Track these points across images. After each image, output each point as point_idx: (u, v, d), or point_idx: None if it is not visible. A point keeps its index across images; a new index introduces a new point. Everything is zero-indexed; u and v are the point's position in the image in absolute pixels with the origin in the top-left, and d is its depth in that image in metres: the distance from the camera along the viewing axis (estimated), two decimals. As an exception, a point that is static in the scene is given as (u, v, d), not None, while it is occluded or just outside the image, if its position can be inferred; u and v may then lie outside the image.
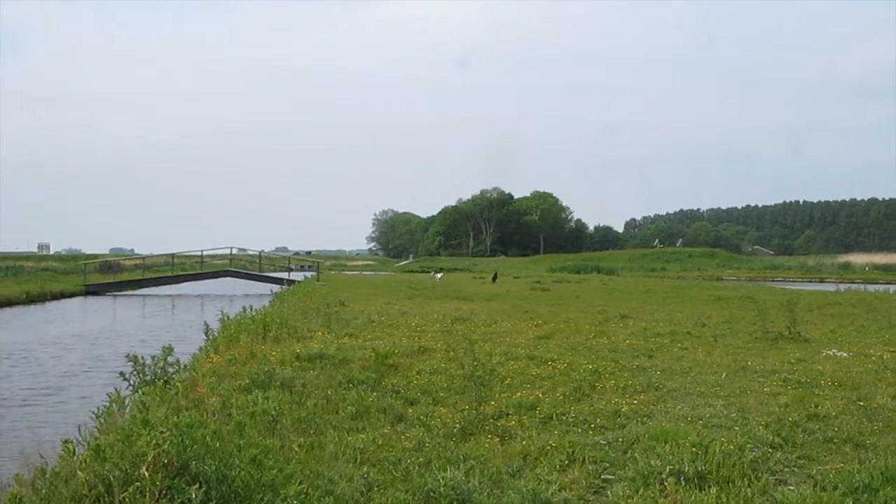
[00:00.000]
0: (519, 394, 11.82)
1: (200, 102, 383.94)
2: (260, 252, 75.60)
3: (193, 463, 6.44)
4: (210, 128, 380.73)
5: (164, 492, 6.05)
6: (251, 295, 44.10)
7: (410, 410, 11.01)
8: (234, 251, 72.32)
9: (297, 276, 65.09)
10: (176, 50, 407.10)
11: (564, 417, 10.44)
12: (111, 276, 64.69)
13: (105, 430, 9.25)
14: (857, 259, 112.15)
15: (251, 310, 24.29)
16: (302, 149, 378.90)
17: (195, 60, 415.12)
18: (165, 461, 6.29)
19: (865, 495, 7.13)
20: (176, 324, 34.74)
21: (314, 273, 69.45)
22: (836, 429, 9.87)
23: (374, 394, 11.83)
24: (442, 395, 12.02)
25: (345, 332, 19.92)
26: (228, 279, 62.98)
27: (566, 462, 8.37)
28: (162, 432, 6.43)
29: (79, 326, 33.87)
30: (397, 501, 6.69)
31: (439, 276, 58.64)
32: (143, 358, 13.00)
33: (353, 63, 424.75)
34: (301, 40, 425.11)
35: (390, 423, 10.25)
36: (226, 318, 22.14)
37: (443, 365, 14.49)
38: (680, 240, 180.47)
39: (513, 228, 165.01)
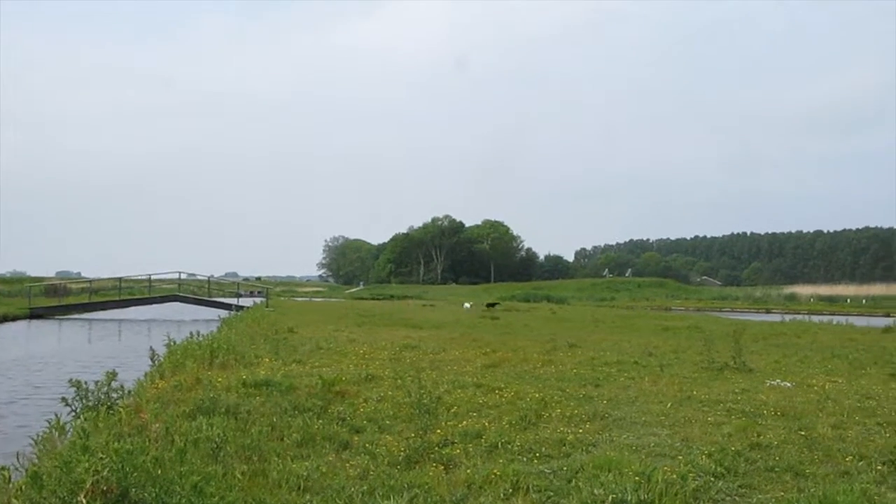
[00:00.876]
0: (465, 422, 11.81)
1: (151, 124, 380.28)
2: (209, 277, 75.25)
3: (133, 490, 6.38)
4: (161, 150, 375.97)
5: (102, 519, 5.98)
6: (199, 320, 43.83)
7: (356, 438, 10.95)
8: (183, 276, 71.88)
9: (246, 301, 64.83)
10: (126, 70, 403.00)
11: (510, 446, 10.44)
12: (56, 300, 63.81)
13: (44, 456, 9.12)
14: (803, 290, 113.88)
15: (198, 335, 24.08)
16: (254, 173, 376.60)
17: (144, 81, 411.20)
18: (104, 488, 6.23)
19: (804, 524, 7.23)
20: (122, 349, 34.24)
21: (263, 299, 69.10)
22: (777, 458, 9.99)
23: (320, 421, 11.77)
24: (388, 422, 11.96)
25: (292, 358, 19.80)
26: (176, 304, 62.46)
27: (510, 491, 8.36)
28: (101, 458, 6.37)
29: (21, 351, 33.31)
30: (339, 530, 6.66)
31: (467, 305, 58.16)
32: (86, 383, 12.80)
33: (308, 87, 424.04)
34: (256, 62, 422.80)
35: (335, 450, 10.20)
36: (172, 343, 21.91)
37: (390, 392, 14.44)
38: (629, 270, 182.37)
39: (463, 256, 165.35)
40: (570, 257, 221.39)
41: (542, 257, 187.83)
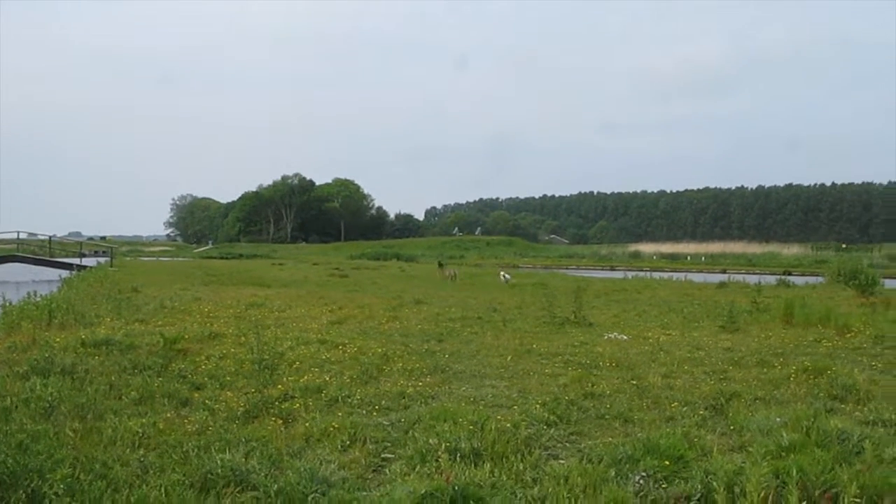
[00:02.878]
0: (306, 377, 11.86)
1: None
2: (50, 237, 72.39)
3: (-46, 451, 6.25)
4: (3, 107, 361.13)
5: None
6: (39, 281, 42.33)
7: (196, 395, 10.88)
8: (23, 235, 69.06)
9: (89, 261, 62.74)
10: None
11: (350, 400, 10.57)
12: None
13: None
14: (646, 248, 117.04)
15: (36, 295, 23.36)
16: (97, 131, 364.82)
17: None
18: (-77, 449, 6.08)
19: (627, 465, 7.58)
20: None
21: (108, 259, 67.23)
22: (608, 406, 10.40)
23: (160, 379, 11.64)
24: (229, 379, 11.90)
25: (135, 317, 19.45)
26: (15, 265, 59.98)
27: (348, 442, 8.50)
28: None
29: None
30: (172, 483, 6.64)
31: (507, 276, 42.77)
32: None
33: (158, 41, 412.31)
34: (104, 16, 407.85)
35: (174, 407, 10.12)
36: (8, 304, 21.20)
37: (233, 350, 14.34)
38: (479, 228, 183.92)
39: (314, 215, 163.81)
40: (420, 216, 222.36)
41: (392, 216, 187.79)
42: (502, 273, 44.11)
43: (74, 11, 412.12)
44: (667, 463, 7.58)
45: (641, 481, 7.22)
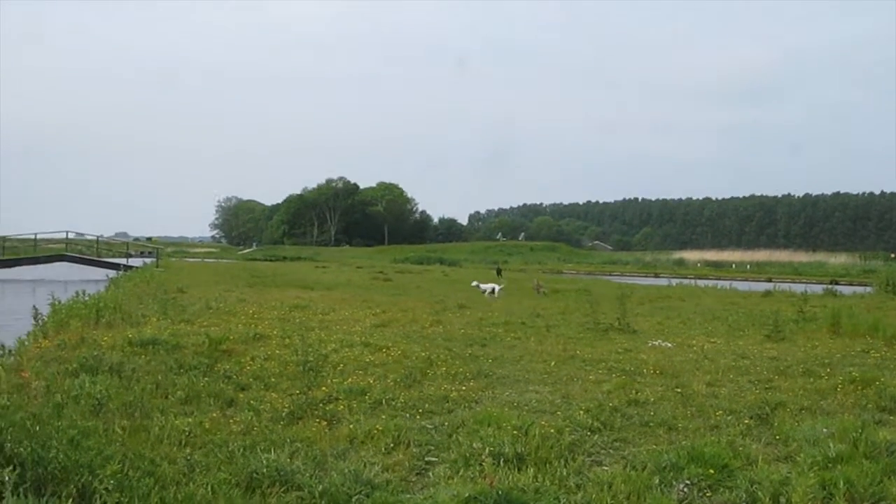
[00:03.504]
0: (350, 379, 11.93)
1: (43, 81, 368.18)
2: (98, 237, 73.24)
3: (8, 445, 6.34)
4: (52, 108, 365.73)
5: (-25, 475, 5.95)
6: (87, 280, 42.72)
7: (241, 395, 10.98)
8: (71, 235, 69.92)
9: (136, 262, 63.37)
10: (23, 25, 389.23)
11: (394, 403, 10.62)
12: (-64, 260, 61.58)
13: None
14: (691, 255, 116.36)
15: (84, 295, 23.64)
16: (144, 134, 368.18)
17: (40, 36, 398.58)
18: (-23, 442, 6.19)
19: (672, 473, 7.55)
20: (4, 309, 33.43)
21: (154, 259, 67.89)
22: (652, 413, 10.36)
23: (206, 379, 11.75)
24: (274, 380, 12.00)
25: (181, 318, 19.62)
26: (64, 264, 60.67)
27: (392, 445, 8.54)
28: (-25, 413, 6.32)
29: None
30: (219, 482, 6.71)
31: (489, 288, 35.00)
32: (-37, 343, 12.54)
33: (203, 43, 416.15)
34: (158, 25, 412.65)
35: (220, 407, 10.21)
36: (57, 302, 21.47)
37: (277, 351, 14.45)
38: (522, 233, 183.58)
39: (357, 218, 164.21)
40: (464, 221, 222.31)
41: (436, 220, 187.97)
42: (488, 288, 34.89)
43: (119, 11, 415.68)
44: (711, 471, 7.54)
45: (685, 489, 7.20)
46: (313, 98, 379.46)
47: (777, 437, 9.19)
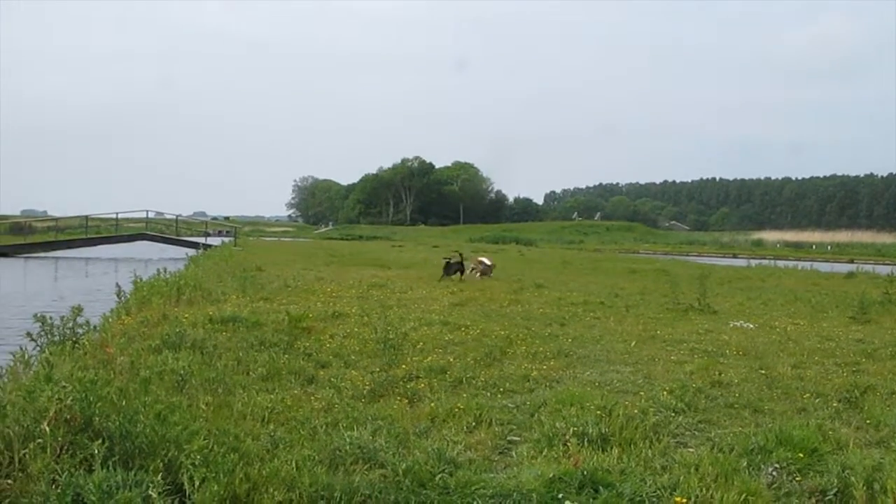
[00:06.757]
0: (430, 358, 11.88)
1: (119, 63, 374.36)
2: (177, 216, 74.32)
3: (97, 419, 6.41)
4: (129, 89, 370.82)
5: (65, 447, 6.02)
6: (167, 259, 43.43)
7: (321, 373, 10.99)
8: (151, 215, 71.20)
9: (214, 240, 64.22)
10: (94, 8, 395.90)
11: (474, 381, 10.56)
12: (22, 238, 62.78)
13: (7, 387, 9.10)
14: (769, 236, 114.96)
15: (165, 273, 23.96)
16: (223, 113, 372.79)
17: (114, 19, 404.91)
18: (68, 417, 6.25)
19: (759, 456, 7.38)
20: (89, 286, 34.00)
21: (231, 238, 68.80)
22: (737, 395, 10.17)
23: (286, 356, 11.78)
24: (354, 358, 12.01)
25: (259, 296, 19.80)
26: (144, 243, 61.79)
27: (473, 424, 8.47)
28: (65, 388, 6.39)
29: (-13, 288, 33.06)
30: (303, 458, 6.70)
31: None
32: (51, 318, 12.70)
33: (271, 29, 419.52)
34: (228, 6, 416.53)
35: (301, 384, 10.23)
36: (139, 280, 21.80)
37: (356, 329, 14.49)
38: (598, 213, 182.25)
39: (433, 198, 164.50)
40: (539, 200, 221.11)
41: (511, 200, 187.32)
42: (475, 262, 31.11)
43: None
44: (800, 455, 7.36)
45: (774, 473, 7.02)
46: (390, 78, 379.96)
47: (868, 422, 8.95)
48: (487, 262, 30.93)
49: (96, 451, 5.76)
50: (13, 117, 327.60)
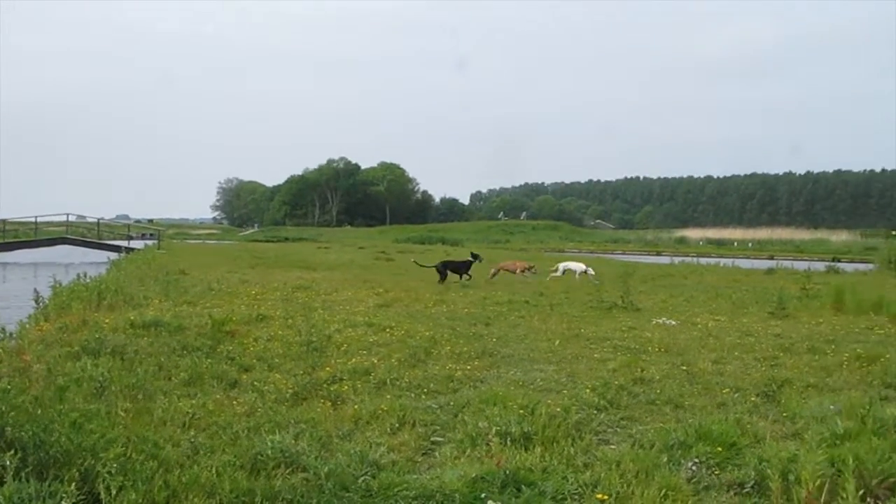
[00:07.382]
0: (355, 360, 11.85)
1: (40, 62, 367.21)
2: (98, 220, 73.08)
3: (10, 429, 6.26)
4: (49, 90, 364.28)
5: (-25, 460, 5.87)
6: (88, 263, 42.61)
7: (245, 376, 10.89)
8: (72, 218, 69.84)
9: (137, 244, 63.32)
10: (9, 9, 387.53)
11: (398, 382, 10.56)
12: (-66, 243, 61.29)
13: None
14: (693, 233, 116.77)
15: (86, 277, 23.55)
16: (145, 115, 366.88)
17: (30, 18, 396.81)
18: (-22, 427, 6.11)
19: (680, 451, 7.50)
20: (6, 291, 33.26)
21: (155, 241, 67.87)
22: (658, 391, 10.32)
23: (209, 360, 11.62)
24: (277, 361, 11.91)
25: (183, 299, 19.56)
26: (65, 247, 60.50)
27: (397, 425, 8.47)
28: (-25, 398, 6.24)
29: None
30: (223, 464, 6.63)
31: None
32: (-37, 326, 12.39)
33: (194, 26, 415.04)
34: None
35: (223, 389, 10.13)
36: (59, 285, 21.39)
37: (280, 332, 14.40)
38: (524, 213, 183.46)
39: (359, 199, 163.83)
40: (465, 200, 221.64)
41: (437, 200, 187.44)
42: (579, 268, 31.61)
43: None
44: (719, 449, 7.49)
45: (694, 468, 7.13)
46: (314, 78, 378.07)
47: (784, 415, 9.14)
48: (527, 265, 33.10)
49: (8, 463, 5.63)
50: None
